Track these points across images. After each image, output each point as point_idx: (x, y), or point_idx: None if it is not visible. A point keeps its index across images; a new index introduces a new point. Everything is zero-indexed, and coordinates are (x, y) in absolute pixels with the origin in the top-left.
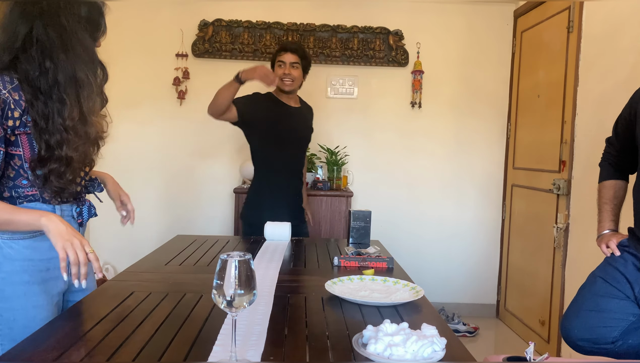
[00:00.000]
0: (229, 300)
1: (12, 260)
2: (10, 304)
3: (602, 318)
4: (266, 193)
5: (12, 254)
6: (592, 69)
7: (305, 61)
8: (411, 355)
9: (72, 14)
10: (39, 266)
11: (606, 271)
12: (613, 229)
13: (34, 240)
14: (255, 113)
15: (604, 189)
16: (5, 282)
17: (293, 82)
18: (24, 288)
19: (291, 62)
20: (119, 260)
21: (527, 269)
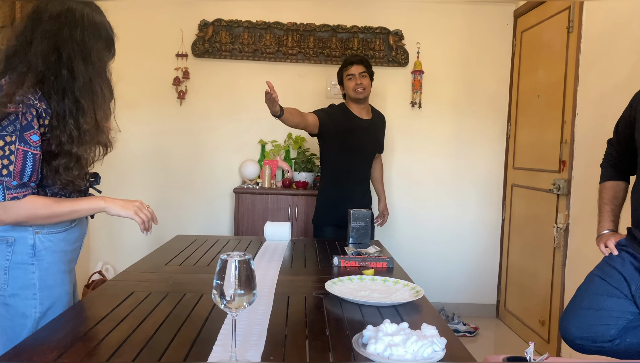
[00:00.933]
0: (229, 300)
1: (53, 252)
2: (51, 292)
3: (600, 316)
4: (332, 200)
5: (52, 246)
6: (592, 69)
7: (370, 69)
8: (411, 355)
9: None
10: (70, 256)
11: (604, 270)
12: (612, 229)
13: (67, 233)
14: (328, 126)
15: (605, 190)
16: (48, 273)
17: (365, 90)
18: (61, 276)
19: (360, 73)
20: (119, 260)
21: (527, 269)
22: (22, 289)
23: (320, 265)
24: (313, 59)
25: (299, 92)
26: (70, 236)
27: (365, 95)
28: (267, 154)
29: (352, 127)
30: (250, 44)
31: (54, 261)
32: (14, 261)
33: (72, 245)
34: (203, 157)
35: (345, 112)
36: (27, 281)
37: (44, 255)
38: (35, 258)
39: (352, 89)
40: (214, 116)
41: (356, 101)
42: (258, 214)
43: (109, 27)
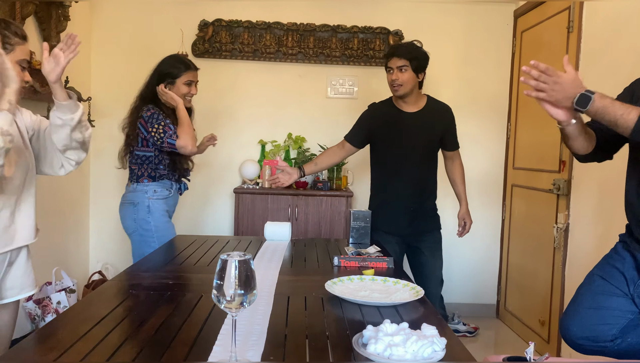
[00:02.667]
0: (229, 300)
1: (160, 210)
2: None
3: (601, 315)
4: (379, 199)
5: (159, 207)
6: (592, 69)
7: (416, 61)
8: (411, 355)
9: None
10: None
11: (604, 269)
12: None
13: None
14: (361, 133)
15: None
16: (158, 222)
17: (402, 86)
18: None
19: (398, 66)
20: (119, 260)
21: (527, 269)
22: (146, 231)
23: (320, 265)
24: (313, 59)
25: (299, 92)
26: (169, 201)
27: (404, 92)
28: (267, 154)
29: (392, 121)
30: (250, 44)
31: (160, 215)
32: (139, 217)
33: (171, 207)
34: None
35: (388, 105)
36: (148, 227)
37: (154, 212)
38: (150, 214)
39: (389, 85)
40: (214, 116)
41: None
42: (258, 214)
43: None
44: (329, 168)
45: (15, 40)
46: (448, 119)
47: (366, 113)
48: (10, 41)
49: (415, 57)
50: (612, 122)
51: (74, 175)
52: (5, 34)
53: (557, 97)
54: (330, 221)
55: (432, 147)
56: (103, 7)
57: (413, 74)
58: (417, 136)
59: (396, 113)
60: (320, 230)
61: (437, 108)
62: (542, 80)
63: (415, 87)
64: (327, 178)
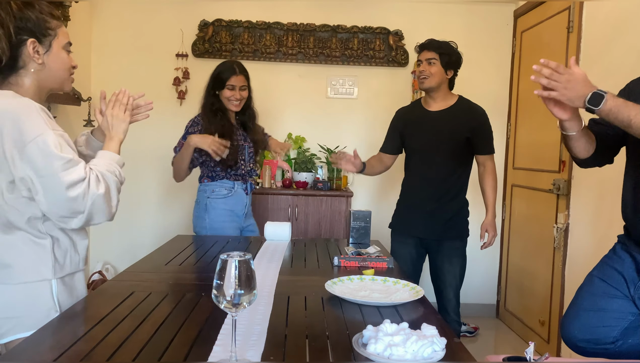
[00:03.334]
0: (229, 300)
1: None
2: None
3: (601, 317)
4: (401, 199)
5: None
6: (592, 69)
7: (446, 56)
8: (411, 355)
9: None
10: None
11: (603, 271)
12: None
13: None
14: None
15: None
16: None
17: (427, 78)
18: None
19: (427, 59)
20: (119, 260)
21: (527, 269)
22: (202, 228)
23: (320, 265)
24: (313, 59)
25: (299, 92)
26: (229, 201)
27: (429, 85)
28: (267, 154)
29: (416, 120)
30: (250, 44)
31: (217, 214)
32: (198, 214)
33: (235, 206)
34: None
35: (414, 106)
36: (203, 225)
37: (211, 211)
38: (206, 213)
39: (417, 79)
40: None
41: (425, 91)
42: (258, 214)
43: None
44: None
45: (55, 23)
46: (478, 121)
47: (393, 120)
48: (51, 25)
49: (446, 53)
50: (626, 122)
51: None
52: (42, 18)
53: (569, 95)
54: (330, 221)
55: (456, 148)
56: (103, 7)
57: (441, 69)
58: (439, 135)
59: (421, 112)
60: (320, 230)
61: (466, 108)
62: (554, 78)
63: (442, 83)
64: (327, 178)
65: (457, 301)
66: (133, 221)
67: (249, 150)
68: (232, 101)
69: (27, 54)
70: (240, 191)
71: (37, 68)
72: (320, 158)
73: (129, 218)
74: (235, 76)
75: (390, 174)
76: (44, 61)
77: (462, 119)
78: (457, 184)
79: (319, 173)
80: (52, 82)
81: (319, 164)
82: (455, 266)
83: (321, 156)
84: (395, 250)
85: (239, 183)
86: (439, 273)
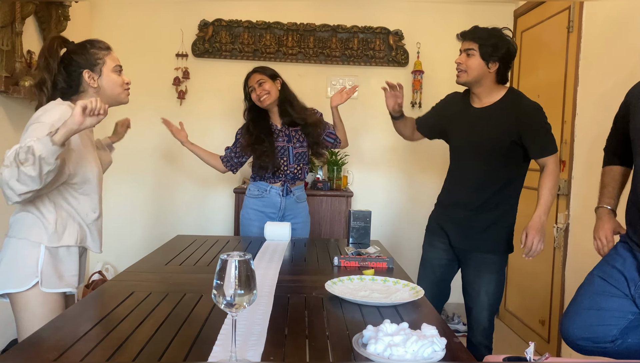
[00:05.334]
0: (229, 300)
1: (247, 207)
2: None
3: (601, 316)
4: (439, 200)
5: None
6: (592, 69)
7: (488, 47)
8: (411, 355)
9: None
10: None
11: (604, 270)
12: (609, 206)
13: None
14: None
15: (604, 174)
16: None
17: (464, 72)
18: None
19: (465, 49)
20: (119, 260)
21: (527, 269)
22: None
23: (320, 265)
24: (313, 59)
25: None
26: (262, 201)
27: (465, 80)
28: None
29: (458, 115)
30: (250, 44)
31: (247, 211)
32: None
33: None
34: None
35: (462, 96)
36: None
37: (245, 207)
38: (243, 209)
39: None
40: (214, 116)
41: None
42: None
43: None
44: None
45: (103, 53)
46: (527, 119)
47: (441, 100)
48: (99, 55)
49: (489, 43)
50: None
51: None
52: (92, 52)
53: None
54: (330, 221)
55: (499, 150)
56: (103, 7)
57: (481, 61)
58: (479, 136)
59: (464, 107)
60: (320, 230)
61: (515, 105)
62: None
63: (484, 78)
64: (327, 178)
65: (491, 323)
66: (133, 221)
67: (293, 151)
68: (259, 99)
69: (85, 81)
70: (274, 194)
71: (94, 90)
72: None
73: (128, 218)
74: (250, 77)
75: (390, 174)
76: (99, 84)
77: (506, 119)
78: (500, 193)
79: (319, 173)
80: (109, 99)
81: (319, 164)
82: (489, 284)
83: None
84: (424, 253)
85: (276, 186)
86: (468, 288)
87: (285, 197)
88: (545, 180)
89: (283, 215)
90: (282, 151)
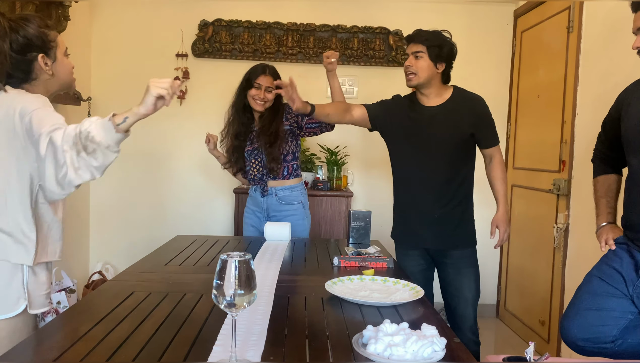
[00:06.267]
0: (229, 300)
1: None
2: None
3: (600, 316)
4: (398, 208)
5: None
6: (592, 69)
7: (435, 49)
8: (411, 355)
9: None
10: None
11: (602, 270)
12: (610, 221)
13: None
14: (380, 120)
15: (598, 184)
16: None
17: (415, 75)
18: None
19: (413, 52)
20: (119, 260)
21: (527, 269)
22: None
23: (320, 265)
24: (313, 59)
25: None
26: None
27: (417, 82)
28: None
29: (409, 115)
30: (250, 44)
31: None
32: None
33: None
34: (203, 157)
35: (410, 100)
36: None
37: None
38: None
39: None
40: (214, 116)
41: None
42: None
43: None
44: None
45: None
46: (478, 111)
47: (397, 97)
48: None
49: (435, 45)
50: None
51: None
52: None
53: None
54: (330, 221)
55: (459, 145)
56: (103, 7)
57: (430, 63)
58: (438, 133)
59: (415, 107)
60: (320, 230)
61: (465, 99)
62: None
63: (433, 78)
64: (327, 178)
65: (475, 318)
66: (133, 221)
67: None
68: (256, 101)
69: (39, 67)
70: (258, 194)
71: (48, 78)
72: (320, 158)
73: (129, 217)
74: (264, 75)
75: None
76: (53, 71)
77: (461, 112)
78: (464, 186)
79: (319, 173)
80: (60, 87)
81: (319, 164)
82: (469, 278)
83: (321, 156)
84: (401, 263)
85: (257, 186)
86: (449, 288)
87: (264, 198)
88: (497, 171)
89: (268, 215)
90: (255, 153)
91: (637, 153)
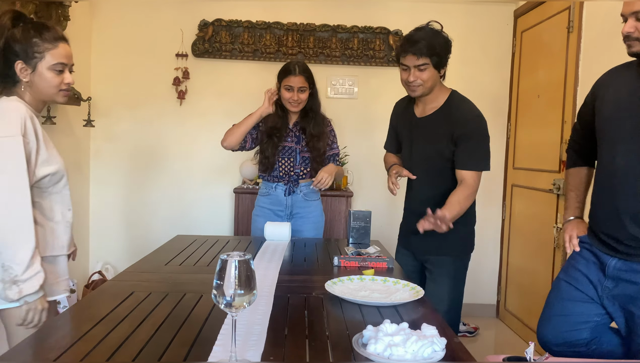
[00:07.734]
0: (229, 300)
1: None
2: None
3: (569, 322)
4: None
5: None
6: (592, 69)
7: (437, 57)
8: (411, 355)
9: None
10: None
11: (569, 273)
12: (578, 216)
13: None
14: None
15: (570, 176)
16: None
17: (421, 86)
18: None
19: (416, 65)
20: (119, 260)
21: (527, 269)
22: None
23: (320, 265)
24: (313, 59)
25: None
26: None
27: (422, 92)
28: None
29: (404, 124)
30: (250, 44)
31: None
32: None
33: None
34: (203, 157)
35: (407, 104)
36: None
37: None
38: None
39: (404, 84)
40: (214, 116)
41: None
42: None
43: None
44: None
45: (45, 47)
46: (459, 132)
47: (391, 115)
48: (39, 49)
49: (437, 52)
50: None
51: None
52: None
53: None
54: (330, 221)
55: (442, 159)
56: (103, 7)
57: (435, 71)
58: (423, 145)
59: (409, 115)
60: None
61: (452, 113)
62: None
63: (436, 83)
64: None
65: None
66: (133, 221)
67: (301, 154)
68: (290, 103)
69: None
70: (280, 193)
71: (25, 84)
72: None
73: (128, 217)
74: (294, 76)
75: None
76: (30, 79)
77: (444, 128)
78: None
79: None
80: (43, 96)
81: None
82: (443, 289)
83: None
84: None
85: (280, 184)
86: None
87: (289, 196)
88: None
89: (291, 213)
90: (289, 152)
91: (608, 144)
